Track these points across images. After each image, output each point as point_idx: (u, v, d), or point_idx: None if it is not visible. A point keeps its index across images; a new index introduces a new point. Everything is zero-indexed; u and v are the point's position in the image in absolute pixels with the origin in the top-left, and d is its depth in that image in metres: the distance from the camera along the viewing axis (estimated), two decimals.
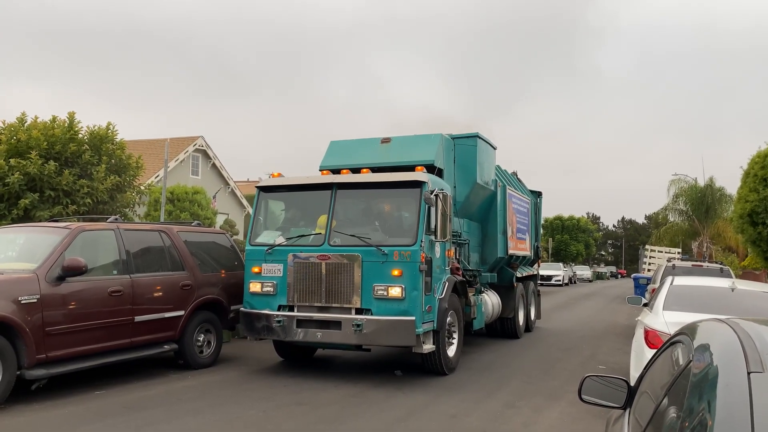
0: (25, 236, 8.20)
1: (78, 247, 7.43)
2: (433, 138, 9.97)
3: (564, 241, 60.32)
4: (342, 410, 6.73)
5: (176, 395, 7.31)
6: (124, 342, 7.81)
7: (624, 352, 10.53)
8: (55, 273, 6.98)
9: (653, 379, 2.67)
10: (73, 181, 13.32)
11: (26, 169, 12.81)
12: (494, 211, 11.74)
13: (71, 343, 7.08)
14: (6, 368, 6.37)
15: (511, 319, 12.56)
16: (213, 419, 6.26)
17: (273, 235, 8.83)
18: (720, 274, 12.91)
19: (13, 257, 7.83)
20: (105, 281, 7.63)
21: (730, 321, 2.21)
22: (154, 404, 6.85)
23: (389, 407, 6.86)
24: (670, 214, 37.31)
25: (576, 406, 6.71)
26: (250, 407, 6.76)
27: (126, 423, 6.08)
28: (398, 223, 8.67)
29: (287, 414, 6.54)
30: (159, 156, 25.07)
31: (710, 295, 7.06)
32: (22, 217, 12.92)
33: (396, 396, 7.39)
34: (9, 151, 13.25)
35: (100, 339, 7.45)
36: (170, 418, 6.27)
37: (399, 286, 7.73)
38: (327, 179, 8.79)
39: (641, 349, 6.30)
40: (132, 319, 7.87)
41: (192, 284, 8.85)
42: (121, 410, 6.56)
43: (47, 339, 6.76)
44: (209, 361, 9.11)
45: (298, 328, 8.14)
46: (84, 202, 13.50)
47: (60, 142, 13.54)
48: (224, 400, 7.08)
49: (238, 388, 7.76)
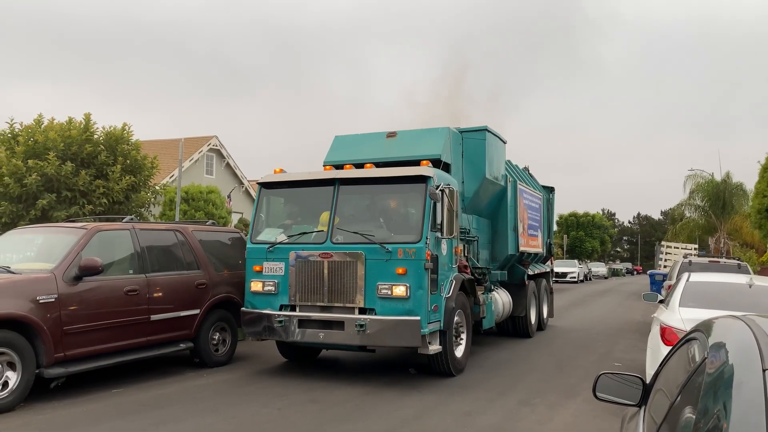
0: (42, 236, 8.31)
1: (94, 247, 7.52)
2: (440, 131, 9.75)
3: (579, 237, 59.97)
4: (356, 408, 6.74)
5: (192, 393, 7.38)
6: (141, 341, 7.89)
7: (640, 349, 10.45)
8: (72, 273, 7.06)
9: (668, 377, 2.65)
10: (89, 181, 13.46)
11: (44, 170, 12.97)
12: (504, 207, 11.49)
13: (89, 342, 7.17)
14: (25, 367, 6.46)
15: (523, 318, 12.33)
16: (229, 417, 6.31)
17: (275, 233, 8.61)
18: (738, 270, 12.76)
19: (32, 257, 7.94)
20: (121, 281, 7.71)
21: (746, 318, 2.19)
22: (170, 402, 6.92)
23: (403, 405, 6.87)
24: (687, 209, 36.89)
25: (591, 403, 6.67)
26: (265, 405, 6.80)
27: (143, 420, 6.15)
28: (403, 219, 8.42)
29: (302, 412, 6.57)
30: (173, 156, 25.24)
31: (727, 291, 6.99)
32: (40, 218, 13.09)
33: (410, 394, 7.39)
34: (27, 153, 13.42)
35: (116, 338, 7.53)
36: (186, 416, 6.33)
37: (404, 284, 7.53)
38: (329, 175, 8.59)
39: (657, 346, 6.25)
40: (148, 318, 7.94)
41: (207, 283, 8.92)
42: (138, 408, 6.63)
43: (65, 338, 6.85)
44: (224, 360, 9.18)
45: (299, 328, 7.96)
46: (100, 202, 13.65)
47: (76, 143, 13.69)
48: (240, 398, 7.13)
49: (253, 386, 7.81)
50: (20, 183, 13.11)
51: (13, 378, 6.39)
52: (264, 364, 9.27)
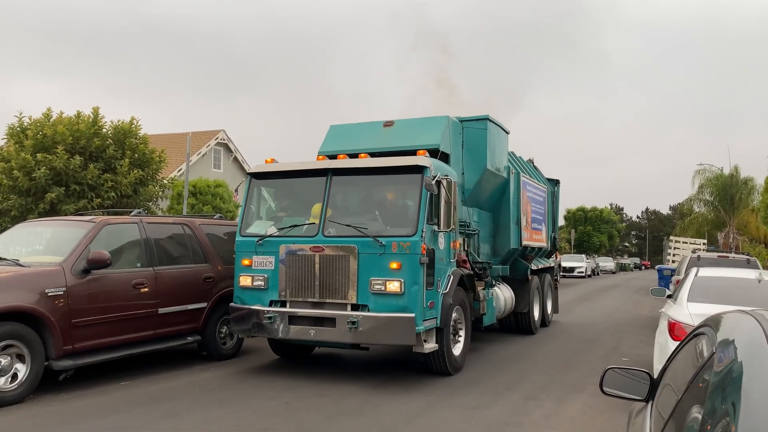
0: (51, 230, 8.36)
1: (102, 241, 7.55)
2: (439, 120, 9.35)
3: (587, 232, 59.84)
4: (363, 402, 6.76)
5: (200, 386, 7.41)
6: (149, 333, 7.93)
7: (647, 344, 10.42)
8: (81, 266, 7.10)
9: (676, 372, 2.63)
10: (97, 175, 13.53)
11: (52, 164, 13.04)
12: (507, 200, 11.09)
13: (97, 335, 7.21)
14: (34, 359, 6.51)
15: (526, 314, 11.97)
16: (237, 409, 6.34)
17: (265, 225, 8.29)
18: (747, 265, 12.67)
19: (40, 251, 7.99)
20: (129, 274, 7.75)
21: (755, 312, 2.17)
22: (178, 395, 6.96)
23: (410, 399, 6.88)
24: (695, 204, 36.73)
25: (599, 398, 6.65)
26: (273, 398, 6.83)
27: (151, 413, 6.18)
28: (398, 211, 8.06)
29: (309, 405, 6.59)
30: (181, 150, 25.31)
31: (736, 286, 6.95)
32: (49, 211, 13.18)
33: (417, 388, 7.40)
34: (36, 146, 13.50)
35: (124, 330, 7.58)
36: (194, 409, 6.36)
37: (398, 280, 7.20)
38: (321, 165, 8.23)
39: (665, 341, 6.23)
40: (156, 311, 7.98)
41: (214, 276, 8.95)
42: (146, 400, 6.67)
43: (74, 330, 6.90)
44: (232, 353, 9.22)
45: (289, 324, 7.63)
46: (108, 195, 13.71)
47: (85, 137, 13.76)
48: (247, 391, 7.16)
49: (261, 379, 7.84)
50: (29, 176, 13.18)
51: (23, 370, 6.44)
52: (271, 357, 9.30)
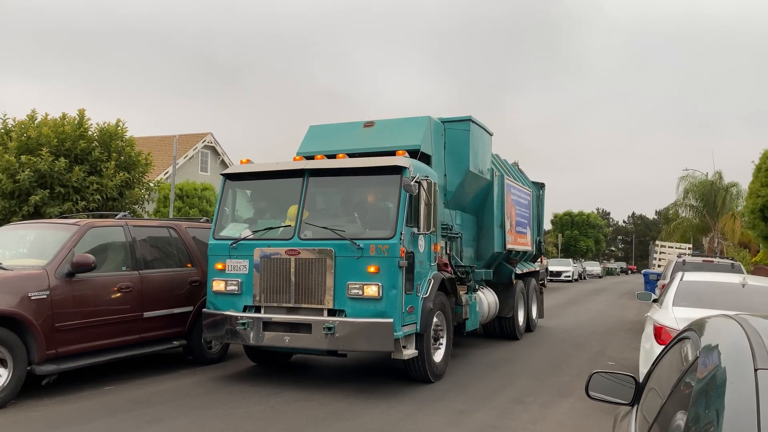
0: (35, 233, 8.26)
1: (87, 244, 7.48)
2: (420, 121, 9.17)
3: (574, 236, 60.17)
4: (350, 405, 6.74)
5: (185, 391, 7.35)
6: (134, 338, 7.86)
7: (634, 348, 10.49)
8: (65, 269, 7.02)
9: (661, 376, 2.65)
10: (83, 177, 13.41)
11: (37, 166, 12.90)
12: (491, 203, 10.87)
13: (81, 339, 7.13)
14: (17, 364, 6.42)
15: (510, 319, 11.76)
16: (222, 414, 6.29)
17: (239, 228, 8.08)
18: (731, 270, 12.82)
19: (24, 253, 7.90)
20: (114, 277, 7.67)
21: (738, 317, 2.19)
22: (163, 400, 6.89)
23: (397, 403, 6.86)
24: (681, 209, 37.08)
25: (585, 402, 6.67)
26: (259, 402, 6.79)
27: (136, 418, 6.12)
28: (376, 213, 7.84)
29: (296, 409, 6.56)
30: (167, 153, 25.17)
31: (721, 290, 7.02)
32: (33, 214, 13.04)
33: (403, 392, 7.39)
34: (20, 148, 13.36)
35: (109, 335, 7.50)
36: (179, 414, 6.30)
37: (376, 284, 6.98)
38: (297, 165, 8.00)
39: (651, 345, 6.27)
40: (141, 315, 7.91)
41: (200, 280, 8.88)
42: (130, 405, 6.60)
43: (57, 334, 6.82)
44: (218, 357, 9.15)
45: (264, 331, 7.40)
46: (93, 198, 13.59)
47: (70, 139, 13.64)
48: (233, 395, 7.11)
49: (247, 383, 7.79)
50: (13, 179, 13.04)
51: (4, 375, 6.35)
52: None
